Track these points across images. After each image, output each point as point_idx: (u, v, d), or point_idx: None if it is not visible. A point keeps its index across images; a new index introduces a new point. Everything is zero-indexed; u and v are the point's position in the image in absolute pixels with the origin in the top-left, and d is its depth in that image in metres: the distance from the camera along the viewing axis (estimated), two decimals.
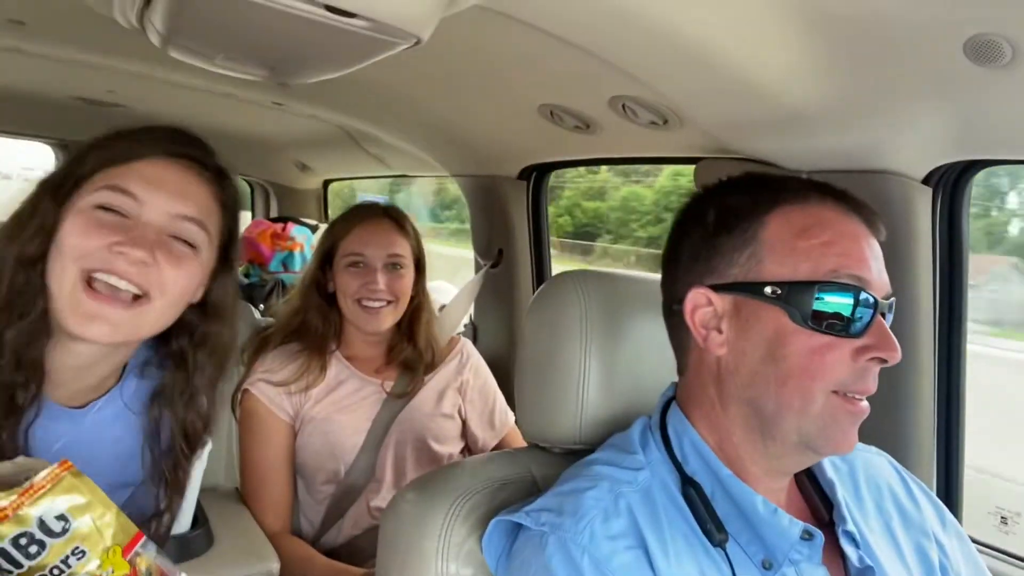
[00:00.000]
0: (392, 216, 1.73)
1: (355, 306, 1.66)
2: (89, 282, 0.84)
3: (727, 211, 0.84)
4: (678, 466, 0.84)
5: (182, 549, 1.17)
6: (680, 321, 0.86)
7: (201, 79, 1.94)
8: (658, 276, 0.93)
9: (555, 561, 0.75)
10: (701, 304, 0.84)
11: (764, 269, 0.81)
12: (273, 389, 1.63)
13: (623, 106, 1.31)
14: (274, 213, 3.30)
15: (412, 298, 1.72)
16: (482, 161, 2.02)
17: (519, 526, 0.83)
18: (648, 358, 1.00)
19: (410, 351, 1.73)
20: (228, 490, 1.70)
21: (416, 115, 1.87)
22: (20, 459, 0.77)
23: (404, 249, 1.70)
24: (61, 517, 0.67)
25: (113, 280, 0.85)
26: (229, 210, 0.97)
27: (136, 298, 0.86)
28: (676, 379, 0.92)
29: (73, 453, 0.92)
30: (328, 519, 1.66)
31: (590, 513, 0.78)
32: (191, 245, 0.90)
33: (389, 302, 1.66)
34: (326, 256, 1.72)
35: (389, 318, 1.68)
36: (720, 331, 0.83)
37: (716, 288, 0.83)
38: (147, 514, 1.00)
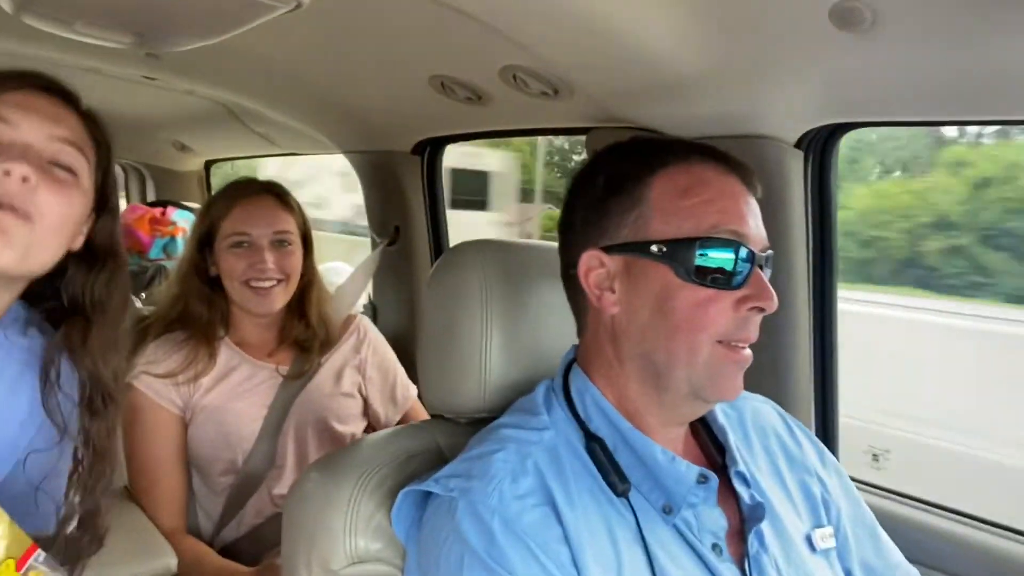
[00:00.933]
0: (275, 192, 1.66)
1: (243, 288, 1.60)
2: None
3: (615, 175, 0.87)
4: (582, 424, 0.86)
5: (71, 550, 1.10)
6: (576, 284, 0.88)
7: (61, 52, 1.80)
8: (553, 245, 0.95)
9: (466, 524, 0.76)
10: (594, 266, 0.86)
11: (651, 228, 0.84)
12: (158, 381, 1.55)
13: (514, 76, 1.31)
14: (151, 197, 3.11)
15: (302, 276, 1.67)
16: (374, 136, 1.98)
17: (428, 496, 0.84)
18: (548, 324, 1.01)
19: (302, 330, 1.68)
20: (115, 488, 1.61)
21: (302, 88, 1.80)
22: None
23: (290, 225, 1.64)
24: None
25: None
26: (104, 148, 0.95)
27: (23, 216, 0.83)
28: (576, 343, 0.95)
29: None
30: (228, 511, 1.60)
31: (499, 475, 0.79)
32: (72, 172, 0.88)
33: (279, 281, 1.61)
34: (205, 238, 1.63)
35: (280, 298, 1.62)
36: (613, 291, 0.86)
37: (607, 249, 0.86)
38: (40, 486, 0.94)
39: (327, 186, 8.00)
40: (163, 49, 1.10)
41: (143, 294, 2.13)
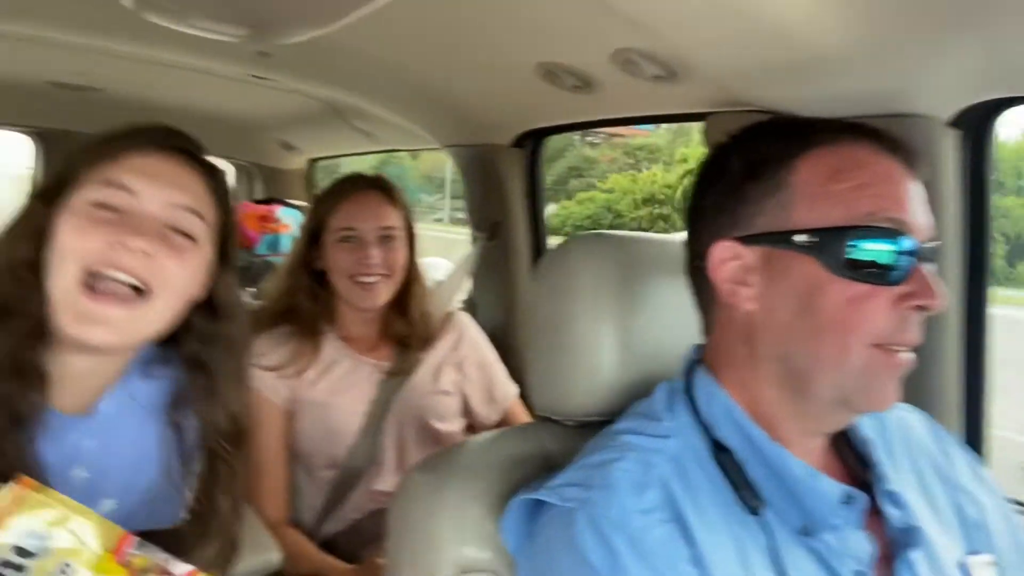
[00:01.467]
0: (381, 187, 1.66)
1: (349, 283, 1.60)
2: (89, 285, 0.82)
3: (754, 157, 0.78)
4: (708, 431, 0.78)
5: (177, 541, 1.12)
6: (704, 277, 0.80)
7: (177, 53, 1.86)
8: (673, 238, 0.87)
9: (585, 539, 0.70)
10: (727, 258, 0.78)
11: (795, 217, 0.75)
12: (266, 373, 1.56)
13: (627, 59, 1.23)
14: (259, 195, 3.21)
15: (405, 272, 1.66)
16: (475, 129, 1.95)
17: (540, 504, 0.78)
18: (666, 322, 0.94)
19: (404, 326, 1.67)
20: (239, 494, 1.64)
21: (404, 83, 1.79)
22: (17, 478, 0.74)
23: (396, 220, 1.64)
24: (36, 536, 0.64)
25: (114, 273, 0.82)
26: (223, 204, 0.94)
27: (138, 293, 0.84)
28: (699, 341, 0.87)
29: (92, 462, 0.89)
30: (329, 505, 1.60)
31: (620, 485, 0.72)
32: (190, 237, 0.88)
33: (384, 276, 1.60)
34: (313, 233, 1.65)
35: (384, 293, 1.62)
36: (748, 285, 0.77)
37: (743, 240, 0.77)
38: (167, 517, 0.95)
39: None
40: (275, 41, 1.10)
41: (252, 289, 2.18)
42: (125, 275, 0.82)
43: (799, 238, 0.73)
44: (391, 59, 1.62)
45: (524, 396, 1.74)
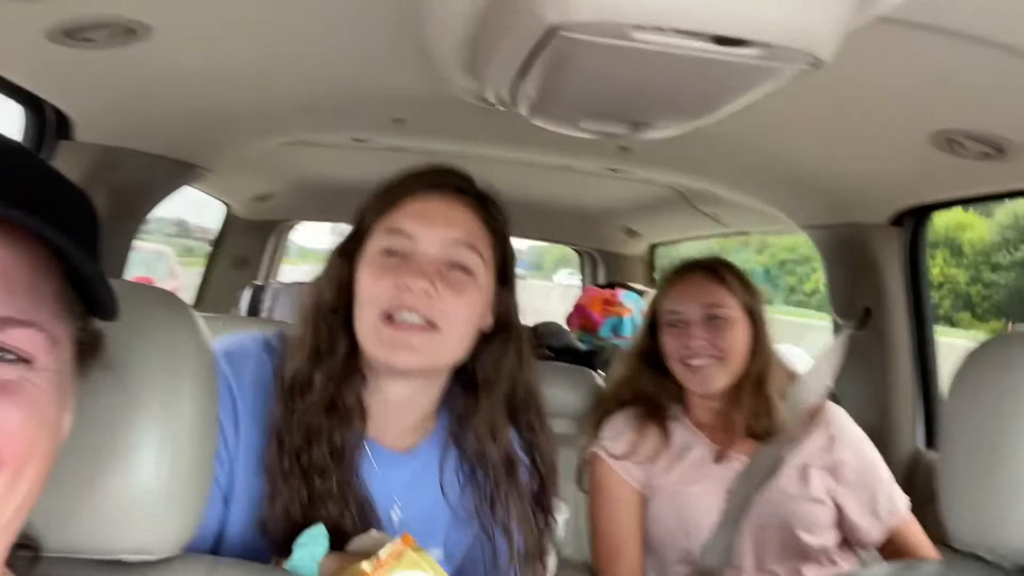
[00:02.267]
0: (709, 267, 1.57)
1: (680, 366, 1.53)
2: (387, 319, 0.89)
3: None
4: None
5: None
6: None
7: (543, 153, 2.04)
8: None
9: None
10: None
11: None
12: (620, 456, 1.56)
13: None
14: (602, 280, 3.35)
15: (752, 356, 1.53)
16: (843, 208, 1.78)
17: None
18: None
19: (757, 417, 1.53)
20: (578, 563, 1.65)
21: (763, 164, 1.72)
22: (373, 533, 0.81)
23: (725, 299, 1.52)
24: None
25: (405, 315, 0.88)
26: (498, 232, 0.97)
27: (430, 326, 0.89)
28: None
29: (408, 499, 0.95)
30: None
31: None
32: (468, 271, 0.92)
33: (715, 358, 1.50)
34: (651, 321, 1.63)
35: (718, 378, 1.51)
36: None
37: None
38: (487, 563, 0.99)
39: None
40: (651, 136, 1.12)
41: (601, 372, 2.24)
42: (414, 315, 0.88)
43: None
44: (756, 143, 1.57)
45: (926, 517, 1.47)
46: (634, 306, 2.91)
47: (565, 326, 2.83)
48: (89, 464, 0.60)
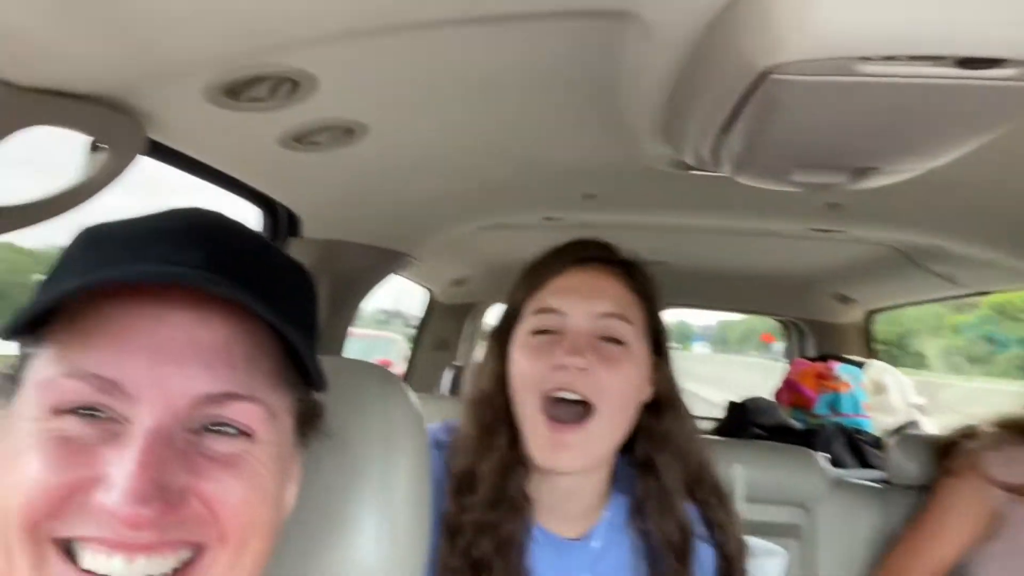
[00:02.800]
0: None
1: None
2: (550, 415, 0.88)
3: None
4: None
5: None
6: None
7: (743, 218, 1.94)
8: None
9: None
10: None
11: None
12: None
13: None
14: (810, 352, 3.07)
15: None
16: None
17: None
18: None
19: None
20: None
21: (1011, 209, 1.49)
22: None
23: None
24: None
25: (563, 394, 0.87)
26: (647, 299, 0.96)
27: (586, 409, 0.87)
28: None
29: None
30: None
31: None
32: (619, 342, 0.90)
33: None
34: None
35: None
36: None
37: None
38: None
39: None
40: (877, 182, 1.00)
41: (825, 455, 2.01)
42: (571, 394, 0.87)
43: None
44: (998, 186, 1.37)
45: None
46: (853, 380, 2.63)
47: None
48: (311, 537, 0.61)
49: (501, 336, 0.97)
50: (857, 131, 0.85)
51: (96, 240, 0.50)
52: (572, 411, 0.88)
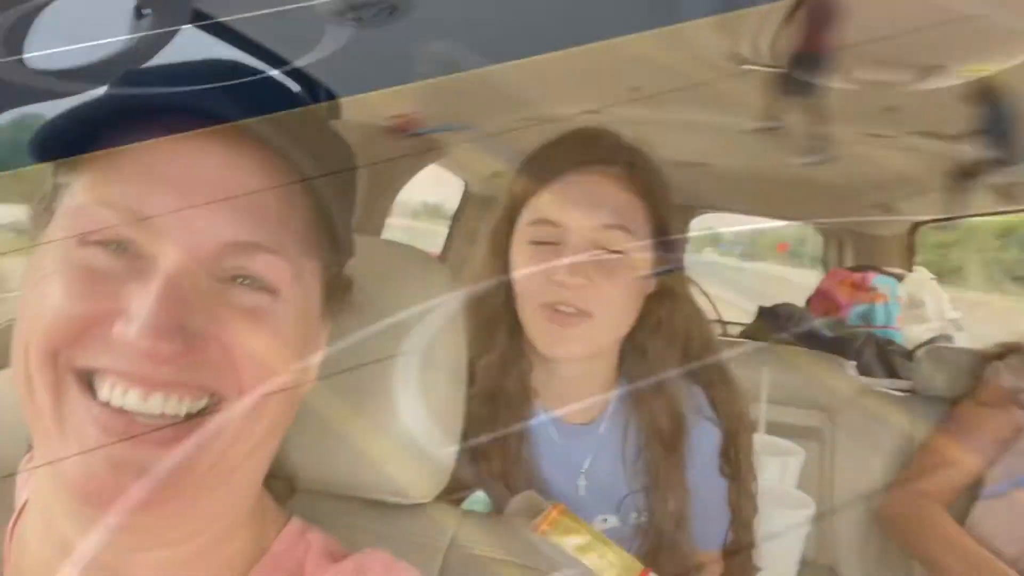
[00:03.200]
0: None
1: None
2: (548, 312, 0.88)
3: None
4: None
5: None
6: None
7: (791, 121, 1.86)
8: None
9: None
10: None
11: None
12: None
13: None
14: (849, 263, 3.02)
15: None
16: None
17: None
18: None
19: None
20: (821, 566, 1.52)
21: None
22: (530, 494, 0.80)
23: None
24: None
25: (561, 307, 0.88)
26: (652, 199, 0.92)
27: (584, 315, 0.88)
28: None
29: (593, 469, 0.94)
30: None
31: None
32: (620, 252, 0.89)
33: None
34: None
35: None
36: None
37: None
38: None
39: None
40: (943, 83, 0.95)
41: (852, 362, 2.00)
42: (571, 308, 0.87)
43: None
44: None
45: None
46: (889, 292, 2.59)
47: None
48: (351, 405, 0.62)
49: (498, 234, 0.95)
50: (927, 24, 0.80)
51: (134, 81, 0.48)
52: (573, 316, 0.89)
